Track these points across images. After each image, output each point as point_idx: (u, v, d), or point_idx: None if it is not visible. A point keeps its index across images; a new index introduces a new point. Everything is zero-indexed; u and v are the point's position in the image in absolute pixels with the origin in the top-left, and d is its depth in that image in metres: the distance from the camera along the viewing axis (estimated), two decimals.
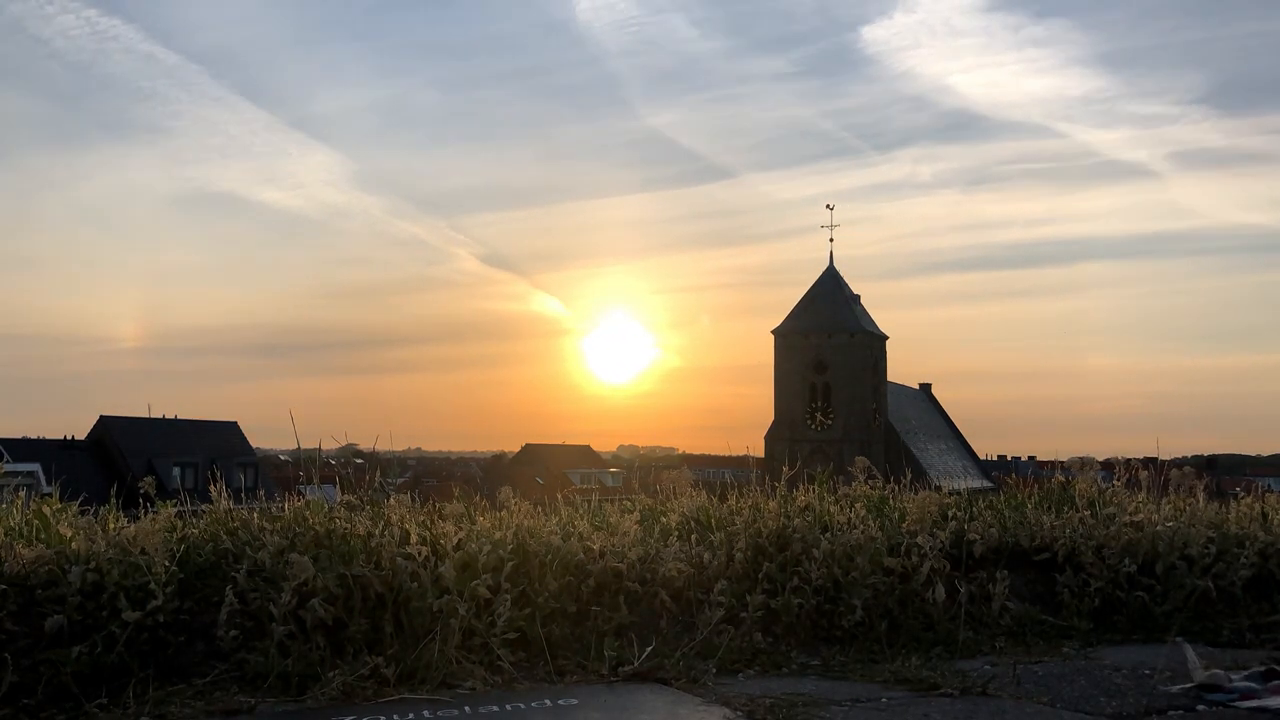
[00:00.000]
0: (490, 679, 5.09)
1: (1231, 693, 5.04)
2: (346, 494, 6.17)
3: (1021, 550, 7.22)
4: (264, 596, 5.11)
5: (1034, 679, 5.39)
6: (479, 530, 6.00)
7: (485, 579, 5.48)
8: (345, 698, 4.72)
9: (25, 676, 4.58)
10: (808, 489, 7.48)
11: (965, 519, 7.22)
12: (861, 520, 6.81)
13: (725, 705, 4.78)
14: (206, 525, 5.72)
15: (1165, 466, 8.56)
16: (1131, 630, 6.70)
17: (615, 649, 5.51)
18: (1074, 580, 6.97)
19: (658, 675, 5.27)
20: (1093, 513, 7.52)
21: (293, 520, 5.64)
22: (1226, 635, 6.63)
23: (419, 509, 6.28)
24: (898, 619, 6.29)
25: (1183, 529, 7.24)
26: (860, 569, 6.35)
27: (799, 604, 6.16)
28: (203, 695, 4.71)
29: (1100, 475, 8.16)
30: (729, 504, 7.23)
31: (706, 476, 8.33)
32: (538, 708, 4.70)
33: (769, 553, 6.49)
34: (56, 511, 5.47)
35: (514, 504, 6.45)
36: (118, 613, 4.83)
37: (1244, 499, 8.50)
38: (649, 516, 7.01)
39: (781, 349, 77.85)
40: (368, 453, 7.08)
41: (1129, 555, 7.05)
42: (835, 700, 4.89)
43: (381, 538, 5.55)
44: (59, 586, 4.87)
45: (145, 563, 5.05)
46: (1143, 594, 6.90)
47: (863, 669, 5.62)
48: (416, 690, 4.85)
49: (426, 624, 5.23)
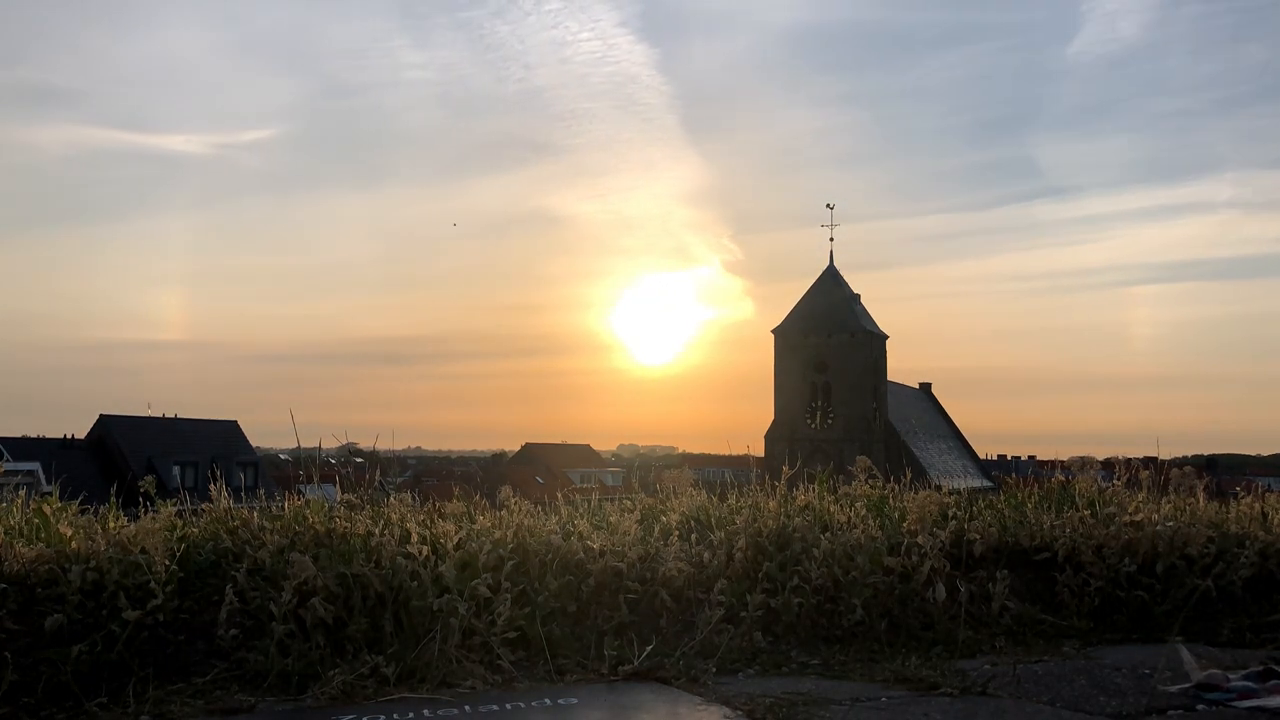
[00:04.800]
0: (490, 678, 5.08)
1: (1229, 692, 5.04)
2: (346, 493, 6.18)
3: (1021, 550, 7.22)
4: (264, 595, 5.11)
5: (1034, 679, 5.38)
6: (479, 530, 6.01)
7: (485, 578, 5.48)
8: (345, 697, 4.71)
9: (25, 675, 4.59)
10: (808, 489, 7.49)
11: (965, 519, 7.22)
12: (861, 520, 6.82)
13: (725, 704, 4.78)
14: (207, 524, 5.73)
15: (1165, 466, 8.55)
16: (1131, 630, 6.70)
17: (615, 648, 5.51)
18: (1074, 580, 6.96)
19: (658, 674, 5.27)
20: (1093, 512, 7.51)
21: (293, 519, 5.65)
22: (1226, 635, 6.62)
23: (419, 508, 6.29)
24: (898, 618, 6.29)
25: (1183, 529, 7.23)
26: (860, 568, 6.35)
27: (799, 603, 6.16)
28: (203, 694, 4.71)
29: (1100, 475, 8.16)
30: (729, 503, 7.24)
31: (707, 476, 8.34)
32: (538, 707, 4.70)
33: (769, 552, 6.49)
34: (56, 511, 5.48)
35: (514, 503, 6.46)
36: (118, 612, 4.83)
37: (1244, 499, 8.50)
38: (649, 516, 7.01)
39: (781, 348, 77.80)
40: (368, 452, 7.08)
41: (1129, 555, 7.05)
42: (835, 699, 4.89)
43: (381, 537, 5.56)
44: (59, 585, 4.87)
45: (145, 562, 5.05)
46: (1142, 594, 6.89)
47: (863, 668, 5.62)
48: (416, 689, 4.85)
49: (426, 623, 5.23)
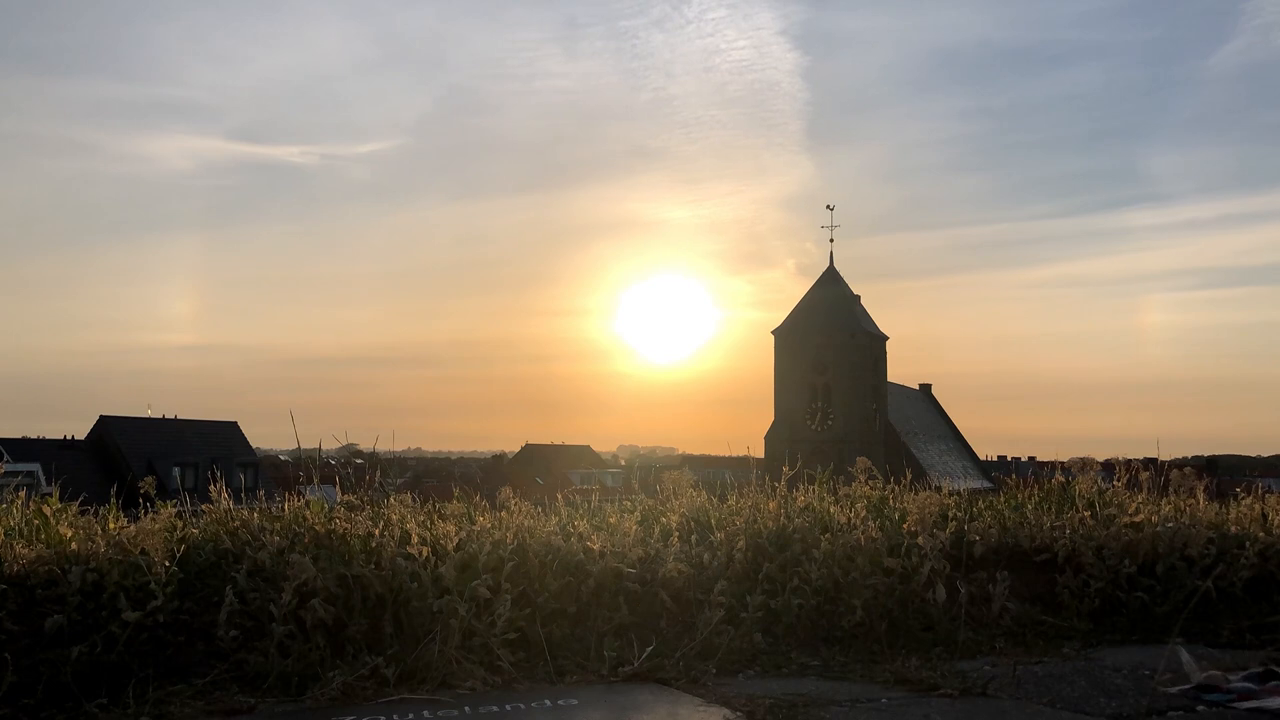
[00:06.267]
0: (490, 679, 5.08)
1: (1229, 693, 5.04)
2: (346, 494, 6.18)
3: (1021, 551, 7.22)
4: (264, 596, 5.11)
5: (1034, 679, 5.38)
6: (479, 530, 6.01)
7: (485, 579, 5.48)
8: (345, 698, 4.72)
9: (25, 676, 4.59)
10: (808, 489, 7.49)
11: (965, 519, 7.22)
12: (862, 521, 6.82)
13: (725, 705, 4.78)
14: (207, 525, 5.72)
15: (1165, 467, 8.55)
16: (1131, 631, 6.70)
17: (615, 649, 5.51)
18: (1074, 581, 6.96)
19: (657, 675, 5.27)
20: (1093, 513, 7.51)
21: (293, 520, 5.64)
22: (1226, 636, 6.62)
23: (419, 509, 6.29)
24: (898, 619, 6.29)
25: (1183, 530, 7.23)
26: (860, 569, 6.34)
27: (799, 604, 6.16)
28: (203, 695, 4.71)
29: (1100, 476, 8.16)
30: (729, 504, 7.24)
31: (707, 476, 8.33)
32: (538, 708, 4.70)
33: (769, 553, 6.49)
34: (56, 511, 5.47)
35: (514, 504, 6.45)
36: (118, 613, 4.83)
37: (1244, 500, 8.49)
38: (649, 516, 7.01)
39: (781, 349, 77.77)
40: (368, 453, 7.08)
41: (1129, 556, 7.05)
42: (835, 700, 4.89)
43: (381, 538, 5.56)
44: (59, 586, 4.87)
45: (145, 563, 5.05)
46: (1142, 594, 6.89)
47: (863, 669, 5.62)
48: (416, 690, 4.85)
49: (426, 624, 5.23)
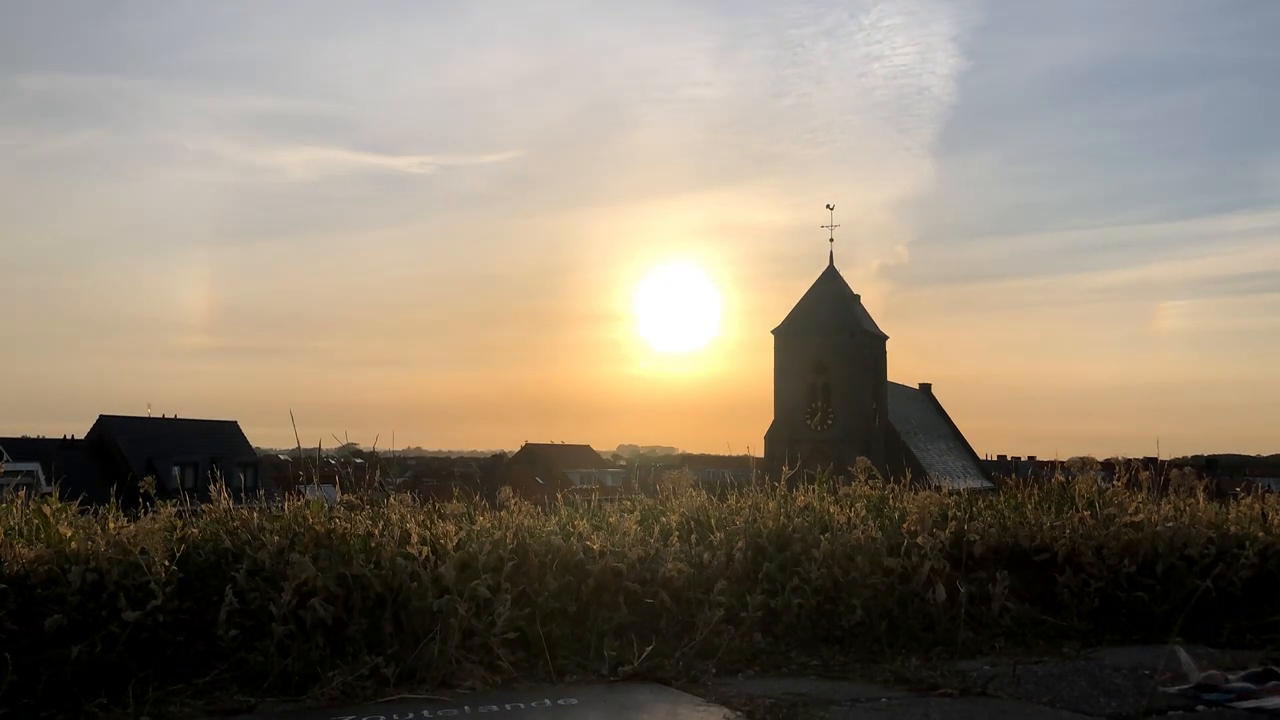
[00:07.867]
0: (490, 679, 5.08)
1: (1228, 693, 5.04)
2: (346, 494, 6.18)
3: (1021, 550, 7.22)
4: (264, 596, 5.11)
5: (1034, 679, 5.38)
6: (479, 530, 6.01)
7: (485, 579, 5.48)
8: (345, 697, 4.71)
9: (25, 676, 4.58)
10: (808, 489, 7.49)
11: (965, 519, 7.22)
12: (861, 520, 6.82)
13: (725, 705, 4.78)
14: (206, 525, 5.72)
15: (1165, 467, 8.54)
16: (1131, 631, 6.70)
17: (615, 649, 5.51)
18: (1074, 580, 6.96)
19: (657, 675, 5.27)
20: (1093, 513, 7.51)
21: (293, 520, 5.64)
22: (1226, 635, 6.62)
23: (419, 509, 6.29)
24: (898, 619, 6.29)
25: (1183, 529, 7.23)
26: (860, 569, 6.34)
27: (799, 604, 6.16)
28: (202, 695, 4.71)
29: (1100, 475, 8.16)
30: (729, 504, 7.24)
31: (707, 476, 8.33)
32: (538, 708, 4.70)
33: (769, 553, 6.49)
34: (56, 511, 5.47)
35: (514, 504, 6.45)
36: (117, 612, 4.83)
37: (1244, 499, 8.49)
38: (649, 516, 7.01)
39: (781, 349, 77.77)
40: (368, 453, 7.08)
41: (1129, 555, 7.05)
42: (835, 700, 4.89)
43: (381, 538, 5.56)
44: (59, 586, 4.87)
45: (145, 562, 5.05)
46: (1142, 594, 6.89)
47: (863, 669, 5.62)
48: (416, 690, 4.85)
49: (426, 624, 5.23)
